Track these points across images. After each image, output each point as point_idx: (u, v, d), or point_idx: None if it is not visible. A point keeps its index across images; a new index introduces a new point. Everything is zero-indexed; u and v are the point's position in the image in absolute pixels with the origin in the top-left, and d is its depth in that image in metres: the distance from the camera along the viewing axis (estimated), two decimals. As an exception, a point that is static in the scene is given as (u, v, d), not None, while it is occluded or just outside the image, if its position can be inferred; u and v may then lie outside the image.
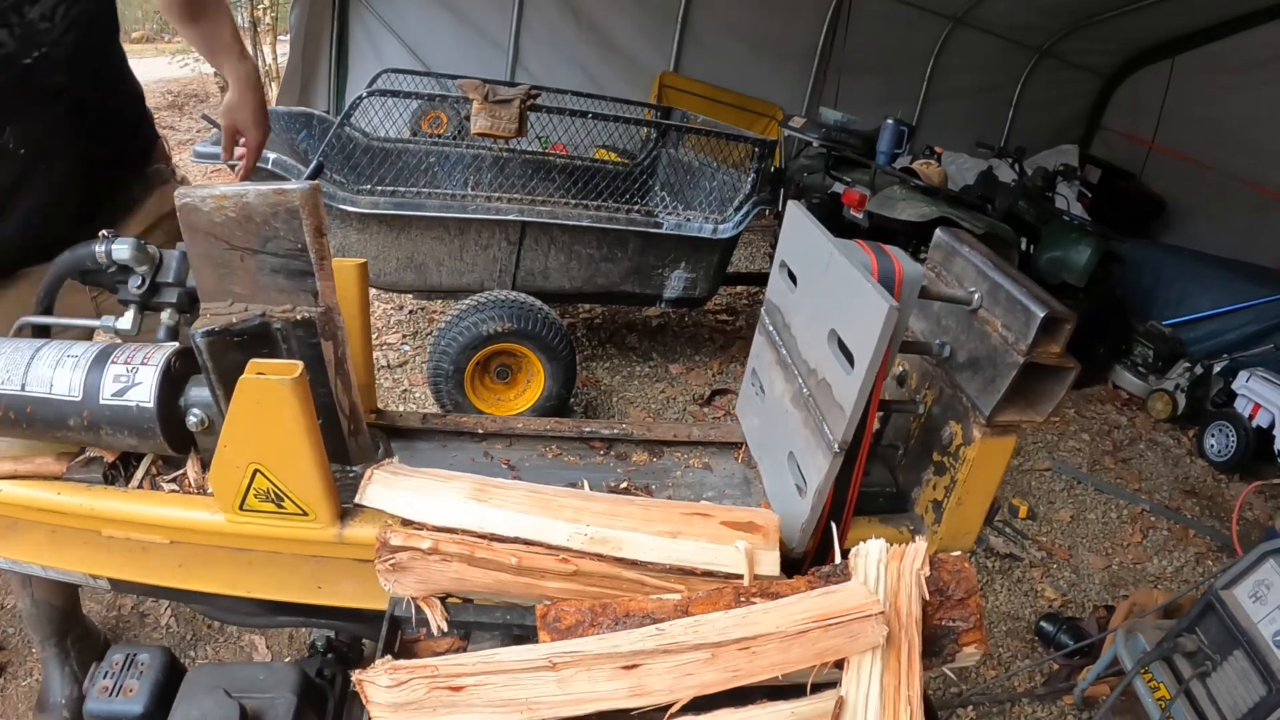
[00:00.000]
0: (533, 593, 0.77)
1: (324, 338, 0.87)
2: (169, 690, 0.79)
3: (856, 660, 0.68)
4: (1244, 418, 3.61)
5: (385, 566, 0.76)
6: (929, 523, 0.97)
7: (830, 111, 4.42)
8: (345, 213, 2.66)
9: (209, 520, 0.88)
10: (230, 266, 0.84)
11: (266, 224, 0.81)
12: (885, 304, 0.69)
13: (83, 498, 0.90)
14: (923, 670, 0.70)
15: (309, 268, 0.83)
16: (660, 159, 3.73)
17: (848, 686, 0.68)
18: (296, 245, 0.82)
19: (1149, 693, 1.82)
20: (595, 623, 0.71)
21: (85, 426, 0.86)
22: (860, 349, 0.74)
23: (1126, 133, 6.90)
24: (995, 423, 0.85)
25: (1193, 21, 5.94)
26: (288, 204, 0.80)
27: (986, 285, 0.88)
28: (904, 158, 4.65)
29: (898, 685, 0.67)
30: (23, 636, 1.98)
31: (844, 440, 0.77)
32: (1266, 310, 4.16)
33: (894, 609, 0.69)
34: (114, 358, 0.87)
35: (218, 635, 2.06)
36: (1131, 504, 3.28)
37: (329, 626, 1.16)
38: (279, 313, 0.85)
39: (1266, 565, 1.68)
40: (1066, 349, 0.82)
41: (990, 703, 2.20)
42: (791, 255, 0.95)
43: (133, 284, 1.03)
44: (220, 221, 0.81)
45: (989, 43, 6.59)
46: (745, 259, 5.18)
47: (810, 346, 0.88)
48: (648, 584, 0.77)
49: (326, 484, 0.83)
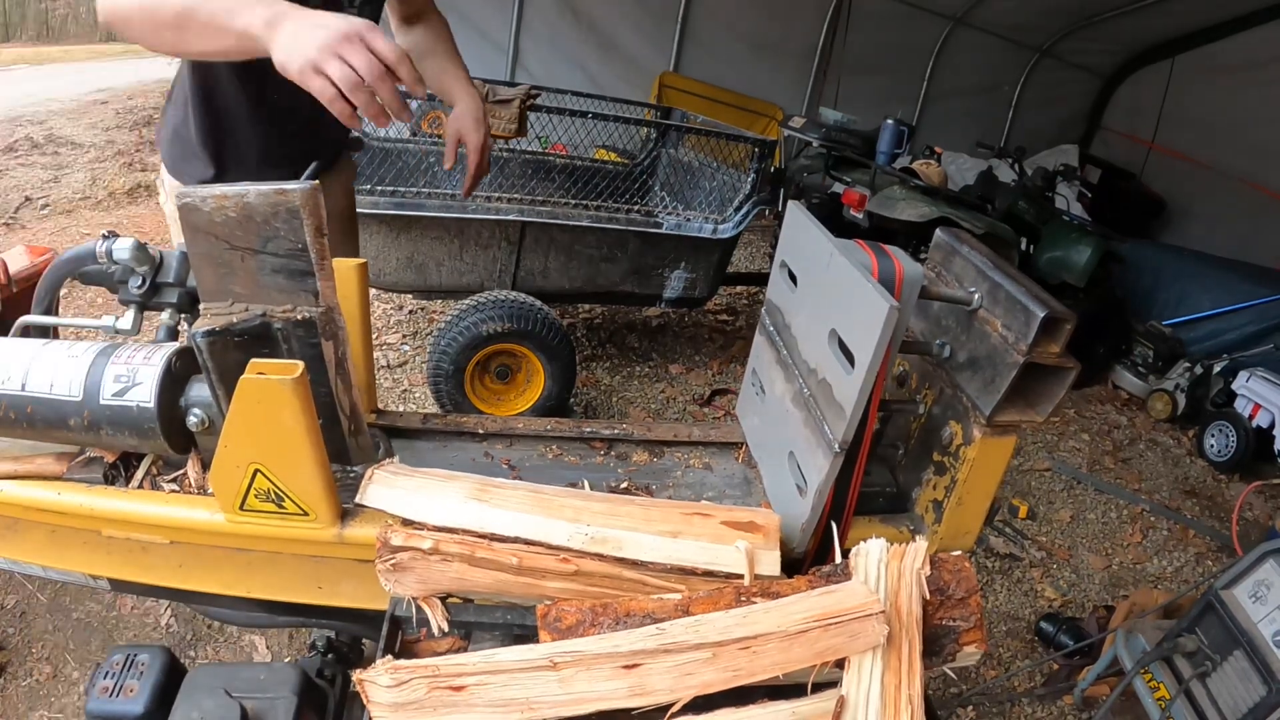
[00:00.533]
0: (533, 593, 0.77)
1: (324, 338, 0.87)
2: (169, 690, 0.78)
3: (857, 660, 0.69)
4: (1244, 418, 3.61)
5: (386, 566, 0.76)
6: (929, 523, 0.97)
7: (830, 111, 4.42)
8: (345, 213, 2.66)
9: (209, 520, 0.88)
10: (231, 266, 0.84)
11: (267, 224, 0.81)
12: (886, 304, 0.69)
13: (83, 497, 0.90)
14: (923, 670, 0.70)
15: (309, 268, 0.83)
16: (660, 159, 3.73)
17: (848, 686, 0.68)
18: (297, 245, 0.82)
19: (1149, 693, 1.82)
20: (596, 623, 0.71)
21: (86, 426, 0.86)
22: (860, 349, 0.74)
23: (1126, 133, 6.90)
24: (995, 422, 0.85)
25: (1193, 21, 5.94)
26: (288, 204, 0.80)
27: (986, 285, 0.88)
28: (904, 158, 4.66)
29: (898, 684, 0.67)
30: (23, 636, 1.98)
31: (844, 440, 0.77)
32: (1266, 310, 4.16)
33: (894, 608, 0.69)
34: (114, 358, 0.87)
35: (218, 635, 2.06)
36: (1131, 504, 3.28)
37: (329, 627, 1.16)
38: (279, 313, 0.85)
39: (1266, 565, 1.68)
40: (1066, 349, 0.82)
41: (990, 703, 2.20)
42: (792, 255, 0.95)
43: (133, 284, 1.03)
44: (221, 221, 0.81)
45: (989, 43, 6.59)
46: (745, 259, 5.18)
47: (810, 346, 0.88)
48: (649, 584, 0.77)
49: (327, 484, 0.83)
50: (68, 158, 6.07)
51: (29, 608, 2.06)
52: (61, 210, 4.99)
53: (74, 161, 6.00)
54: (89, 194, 5.29)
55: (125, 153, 6.26)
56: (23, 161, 5.84)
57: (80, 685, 1.86)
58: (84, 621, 2.04)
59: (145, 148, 6.57)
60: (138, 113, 7.70)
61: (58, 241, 4.39)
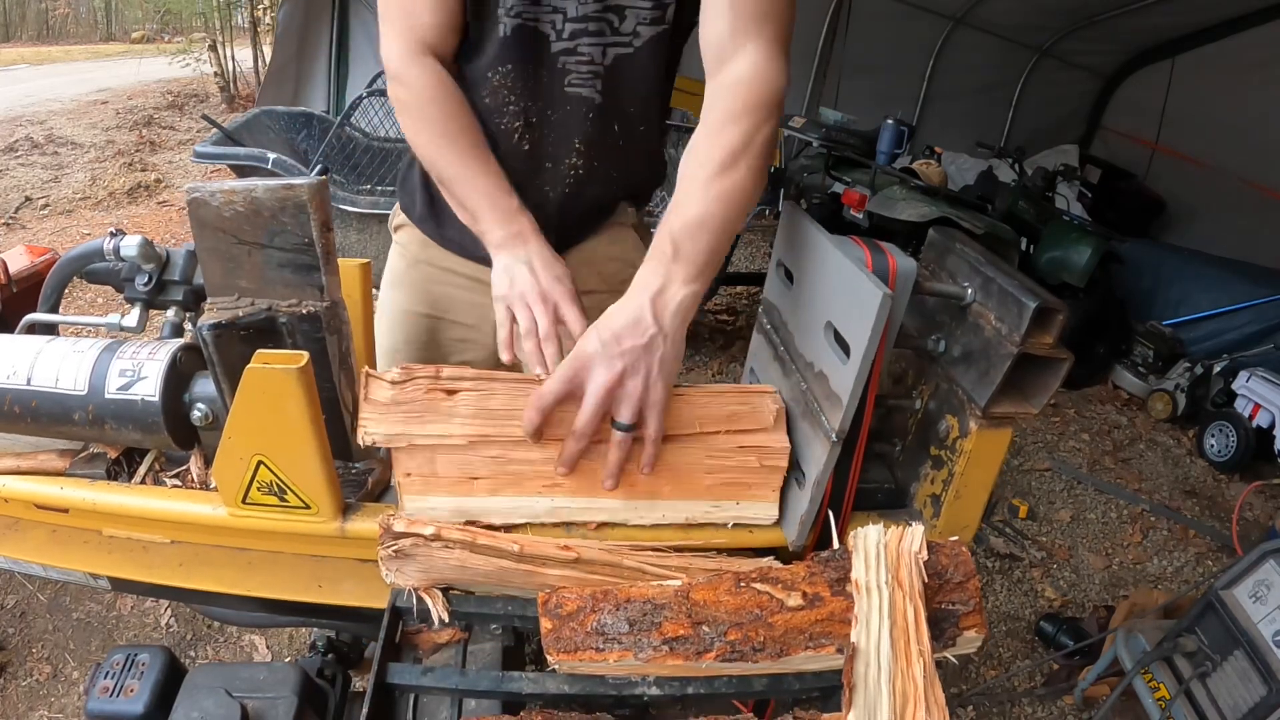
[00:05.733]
0: (534, 581, 0.78)
1: (329, 332, 0.88)
2: (169, 690, 0.78)
3: (864, 616, 0.70)
4: (1244, 418, 3.61)
5: (388, 554, 0.77)
6: (928, 517, 0.98)
7: (830, 111, 4.43)
8: (345, 212, 2.67)
9: (212, 514, 0.89)
10: (238, 261, 0.84)
11: (274, 218, 0.81)
12: (879, 291, 0.70)
13: (86, 492, 0.91)
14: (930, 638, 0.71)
15: (315, 262, 0.84)
16: (660, 159, 3.73)
17: (858, 635, 0.69)
18: (304, 240, 0.82)
19: (1149, 693, 1.82)
20: (596, 609, 0.72)
21: (90, 421, 0.87)
22: (855, 338, 0.75)
23: (1127, 133, 6.90)
24: (991, 414, 0.86)
25: (1193, 21, 5.93)
26: (296, 199, 0.80)
27: (979, 280, 0.88)
28: (904, 158, 4.66)
29: (907, 640, 0.68)
30: (23, 636, 1.98)
31: (841, 429, 0.78)
32: (1266, 310, 4.15)
33: (895, 580, 0.71)
34: (120, 353, 0.88)
35: (218, 635, 2.07)
36: (1131, 504, 3.28)
37: (330, 626, 1.16)
38: (285, 307, 0.86)
39: (1266, 565, 1.68)
40: (1059, 340, 0.82)
41: (990, 703, 2.20)
42: (788, 254, 0.96)
43: (139, 281, 1.03)
44: (229, 216, 0.81)
45: (989, 43, 6.59)
46: (745, 259, 5.19)
47: (807, 341, 0.89)
48: (648, 572, 0.78)
49: (329, 477, 0.83)
50: (68, 158, 6.09)
51: (29, 608, 2.07)
52: (61, 210, 5.00)
53: (74, 161, 6.02)
54: (89, 194, 5.30)
55: (125, 153, 6.28)
56: (23, 161, 5.86)
57: (80, 685, 1.87)
58: (84, 621, 2.05)
59: (145, 148, 6.59)
60: (138, 113, 7.72)
61: (58, 241, 4.40)
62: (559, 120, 1.05)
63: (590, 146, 1.07)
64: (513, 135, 1.06)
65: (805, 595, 0.73)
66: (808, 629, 0.72)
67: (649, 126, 1.12)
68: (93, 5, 15.88)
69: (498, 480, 0.84)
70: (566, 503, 0.86)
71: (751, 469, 0.88)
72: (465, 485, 0.84)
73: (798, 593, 0.73)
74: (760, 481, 0.88)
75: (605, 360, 0.79)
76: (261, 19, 8.26)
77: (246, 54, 8.53)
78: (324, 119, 3.31)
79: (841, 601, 0.73)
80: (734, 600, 0.73)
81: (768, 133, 0.87)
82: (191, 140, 6.40)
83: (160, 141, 6.83)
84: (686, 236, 0.82)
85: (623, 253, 1.23)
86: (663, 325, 0.80)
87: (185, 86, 8.96)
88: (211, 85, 8.44)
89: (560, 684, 0.74)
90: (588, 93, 1.03)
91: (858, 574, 0.72)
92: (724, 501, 0.88)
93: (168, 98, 8.61)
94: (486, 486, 0.84)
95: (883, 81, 6.24)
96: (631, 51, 1.02)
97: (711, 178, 0.83)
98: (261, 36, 8.13)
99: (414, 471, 0.83)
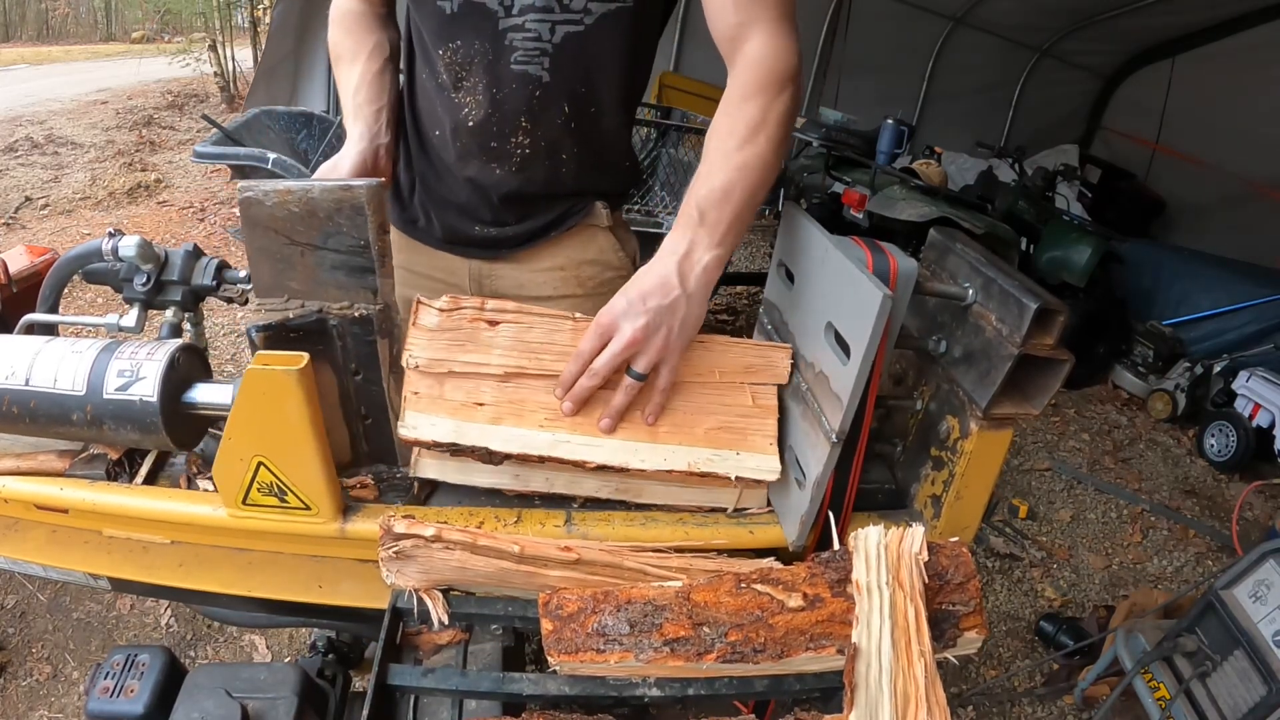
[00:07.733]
0: (535, 583, 0.78)
1: (380, 335, 0.87)
2: (170, 690, 0.78)
3: (865, 617, 0.70)
4: (1244, 418, 3.61)
5: (388, 554, 0.77)
6: (928, 518, 0.98)
7: (830, 111, 4.43)
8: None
9: (212, 515, 0.89)
10: (289, 261, 0.83)
11: (330, 220, 0.80)
12: (879, 292, 0.70)
13: (86, 493, 0.91)
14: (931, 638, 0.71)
15: (370, 264, 0.83)
16: (660, 159, 3.74)
17: (859, 636, 0.69)
18: (359, 242, 0.82)
19: (1149, 693, 1.82)
20: (596, 610, 0.71)
21: (88, 421, 0.86)
22: (856, 339, 0.75)
23: (1127, 133, 6.90)
24: (992, 415, 0.86)
25: (1193, 21, 5.94)
26: (353, 200, 0.80)
27: (980, 280, 0.88)
28: (904, 158, 4.66)
29: (908, 641, 0.68)
30: (23, 636, 1.98)
31: (842, 430, 0.78)
32: (1266, 310, 4.16)
33: (896, 581, 0.71)
34: (118, 353, 0.88)
35: (218, 635, 2.07)
36: (1131, 504, 3.28)
37: (330, 626, 1.16)
38: (336, 309, 0.85)
39: (1266, 565, 1.68)
40: (1060, 341, 0.82)
41: (990, 703, 2.20)
42: (788, 254, 0.96)
43: (138, 282, 1.03)
44: (283, 216, 0.80)
45: (989, 43, 6.60)
46: (745, 259, 5.19)
47: (807, 341, 0.89)
48: (649, 573, 0.78)
49: (329, 478, 0.83)
50: (68, 158, 6.09)
51: (29, 608, 2.06)
52: (61, 210, 5.00)
53: (74, 161, 6.01)
54: (89, 194, 5.30)
55: (125, 153, 6.27)
56: (23, 161, 5.86)
57: (80, 685, 1.87)
58: (84, 621, 2.05)
59: (145, 148, 6.59)
60: (138, 113, 7.71)
61: (58, 241, 4.40)
62: (503, 98, 1.06)
63: (536, 125, 1.08)
64: (461, 109, 1.07)
65: (806, 596, 0.73)
66: (808, 630, 0.72)
67: (606, 110, 1.11)
68: (93, 5, 15.88)
69: (501, 409, 0.85)
70: (567, 438, 0.85)
71: (746, 410, 0.90)
72: (468, 410, 0.84)
73: (798, 594, 0.73)
74: (757, 427, 0.90)
75: (631, 316, 0.83)
76: (261, 19, 8.25)
77: (246, 54, 8.53)
78: (324, 119, 3.31)
79: (842, 602, 0.73)
80: (735, 601, 0.73)
81: (783, 106, 0.90)
82: (191, 140, 6.39)
83: (160, 141, 6.82)
84: (711, 204, 0.86)
85: (599, 255, 1.23)
86: (687, 287, 0.85)
87: (185, 86, 8.96)
88: (211, 85, 8.44)
89: (561, 685, 0.74)
90: (535, 70, 1.03)
91: (858, 575, 0.72)
92: (724, 450, 0.88)
93: (168, 98, 8.61)
94: (489, 414, 0.84)
95: (883, 81, 6.25)
96: (583, 29, 1.02)
97: (733, 150, 0.88)
98: (261, 36, 8.12)
99: (423, 392, 0.84)
